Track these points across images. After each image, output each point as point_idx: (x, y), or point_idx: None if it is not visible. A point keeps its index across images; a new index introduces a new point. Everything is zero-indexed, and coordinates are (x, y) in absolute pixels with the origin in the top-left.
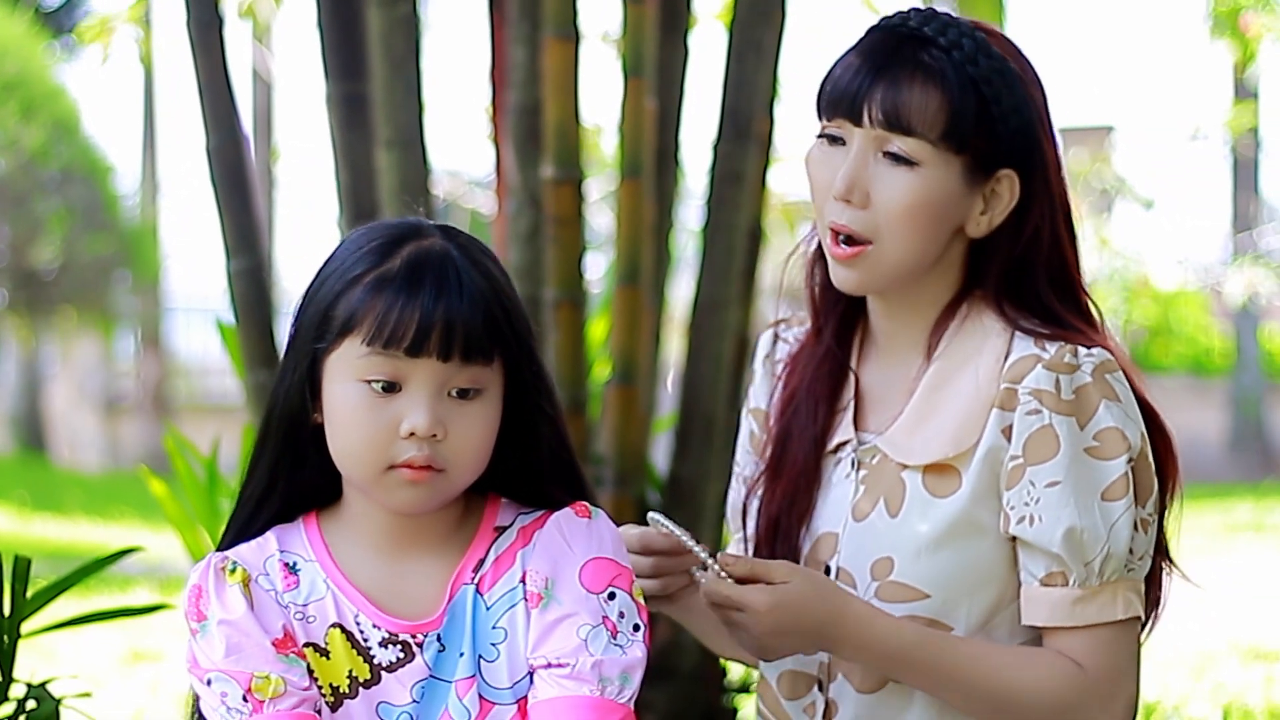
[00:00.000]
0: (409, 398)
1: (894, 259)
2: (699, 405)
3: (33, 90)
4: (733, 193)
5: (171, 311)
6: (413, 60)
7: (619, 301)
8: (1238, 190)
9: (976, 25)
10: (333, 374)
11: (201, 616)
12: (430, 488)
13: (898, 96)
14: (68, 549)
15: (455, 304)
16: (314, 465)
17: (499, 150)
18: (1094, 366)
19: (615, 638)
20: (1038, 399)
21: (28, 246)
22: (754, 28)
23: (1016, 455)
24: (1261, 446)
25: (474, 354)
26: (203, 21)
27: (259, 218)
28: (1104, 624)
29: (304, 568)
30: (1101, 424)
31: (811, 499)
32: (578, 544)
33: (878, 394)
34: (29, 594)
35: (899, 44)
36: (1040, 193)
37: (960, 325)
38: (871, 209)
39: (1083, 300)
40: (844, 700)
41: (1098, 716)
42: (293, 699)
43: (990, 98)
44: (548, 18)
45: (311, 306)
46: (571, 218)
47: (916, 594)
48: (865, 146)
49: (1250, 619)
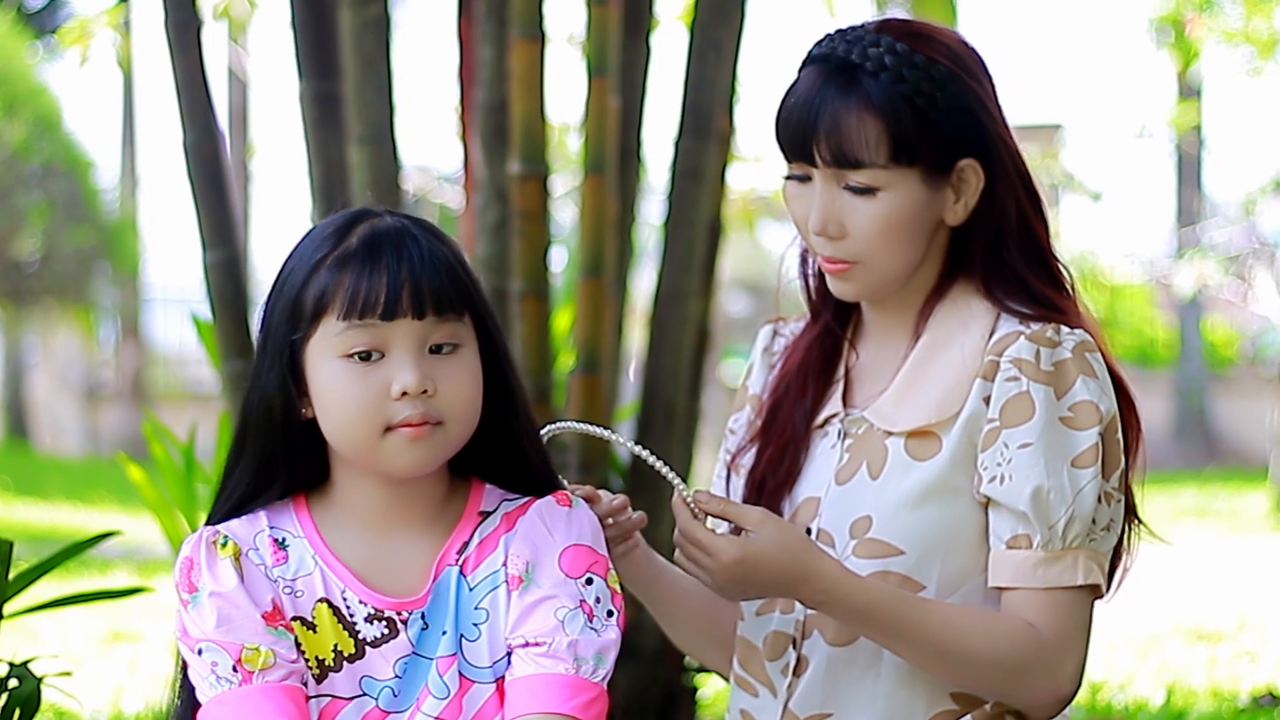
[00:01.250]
0: (393, 360)
1: (883, 272)
2: (660, 393)
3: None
4: (693, 188)
5: (150, 302)
6: (384, 59)
7: (583, 293)
8: (1182, 186)
9: (904, 32)
10: (315, 360)
11: (193, 588)
12: (431, 443)
13: (839, 135)
14: (49, 533)
15: (418, 265)
16: (306, 457)
17: (467, 146)
18: (1075, 344)
19: (591, 620)
20: (1017, 367)
21: (10, 239)
22: (714, 29)
23: (993, 419)
24: (1204, 434)
25: (446, 308)
26: (180, 22)
27: (235, 211)
28: (1063, 588)
29: (293, 544)
30: (1078, 397)
31: (796, 467)
32: (558, 531)
33: (867, 372)
34: (11, 576)
35: (828, 79)
36: (1001, 170)
37: (947, 305)
38: (849, 237)
39: (1053, 266)
40: (815, 655)
41: (1047, 678)
42: (281, 670)
43: (924, 106)
44: (514, 18)
45: (280, 302)
46: (537, 212)
47: (892, 550)
48: (826, 184)
49: (1194, 601)
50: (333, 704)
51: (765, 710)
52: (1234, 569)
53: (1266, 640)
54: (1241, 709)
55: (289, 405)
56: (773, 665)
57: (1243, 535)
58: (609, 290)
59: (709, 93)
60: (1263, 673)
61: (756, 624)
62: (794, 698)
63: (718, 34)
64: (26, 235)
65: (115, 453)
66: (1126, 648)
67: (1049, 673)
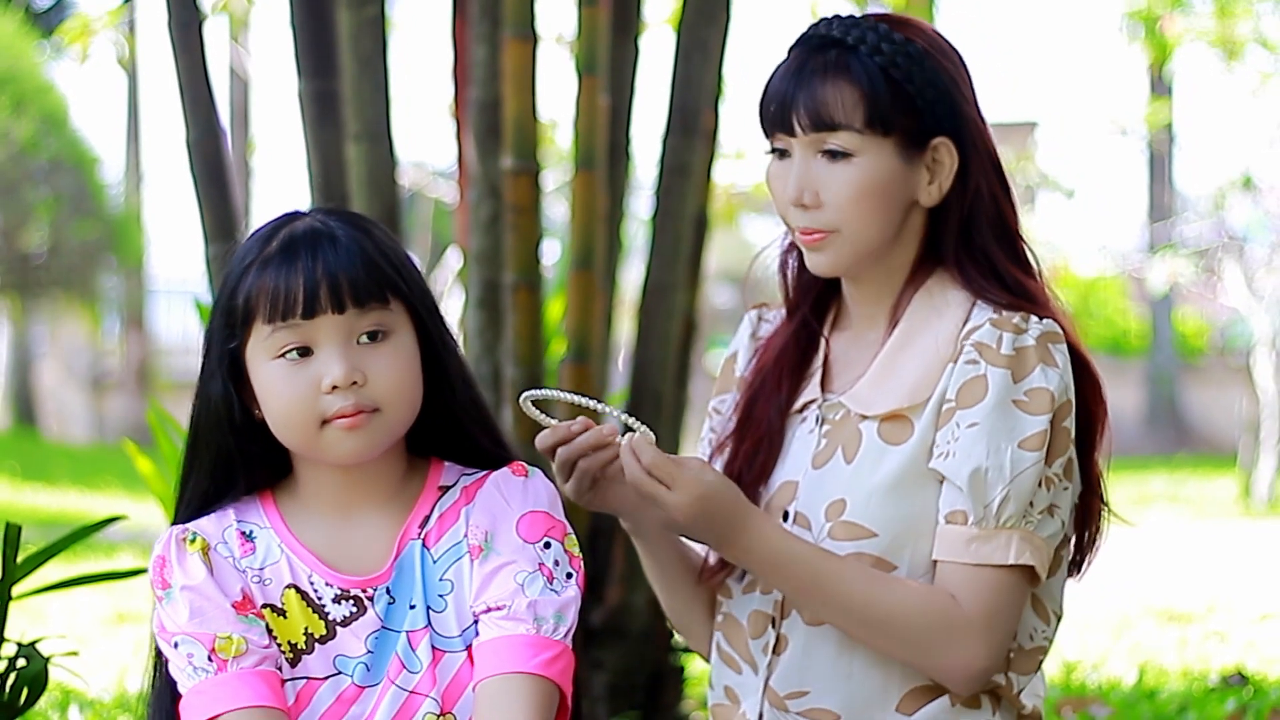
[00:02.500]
0: (321, 356)
1: (857, 242)
2: (648, 382)
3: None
4: (680, 184)
5: (154, 294)
6: (380, 59)
7: (573, 285)
8: (1154, 182)
9: (884, 18)
10: (253, 364)
11: (166, 584)
12: (368, 432)
13: (817, 100)
14: (56, 517)
15: (332, 260)
16: (261, 456)
17: (461, 143)
18: (1040, 333)
19: (551, 583)
20: (978, 350)
21: (18, 232)
22: (700, 30)
23: (950, 399)
24: (1175, 422)
25: (365, 298)
26: (183, 22)
27: (236, 206)
28: (992, 565)
29: (260, 535)
30: (1034, 383)
31: (773, 455)
32: (514, 499)
33: (845, 360)
34: (20, 559)
35: (809, 54)
36: (974, 153)
37: (923, 294)
38: (825, 206)
39: (1022, 250)
40: (793, 634)
41: (959, 650)
42: (254, 657)
43: (901, 78)
44: (507, 19)
45: (217, 308)
46: (529, 207)
47: (866, 533)
48: (805, 153)
49: (1165, 584)
50: (309, 685)
51: (747, 687)
52: (1204, 553)
53: (1235, 621)
54: (1211, 688)
55: (234, 409)
56: (755, 643)
57: (1212, 520)
58: (599, 282)
59: (695, 92)
60: (1232, 653)
61: (742, 601)
62: (774, 676)
63: (704, 35)
64: (34, 229)
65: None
66: (1100, 629)
67: (962, 645)
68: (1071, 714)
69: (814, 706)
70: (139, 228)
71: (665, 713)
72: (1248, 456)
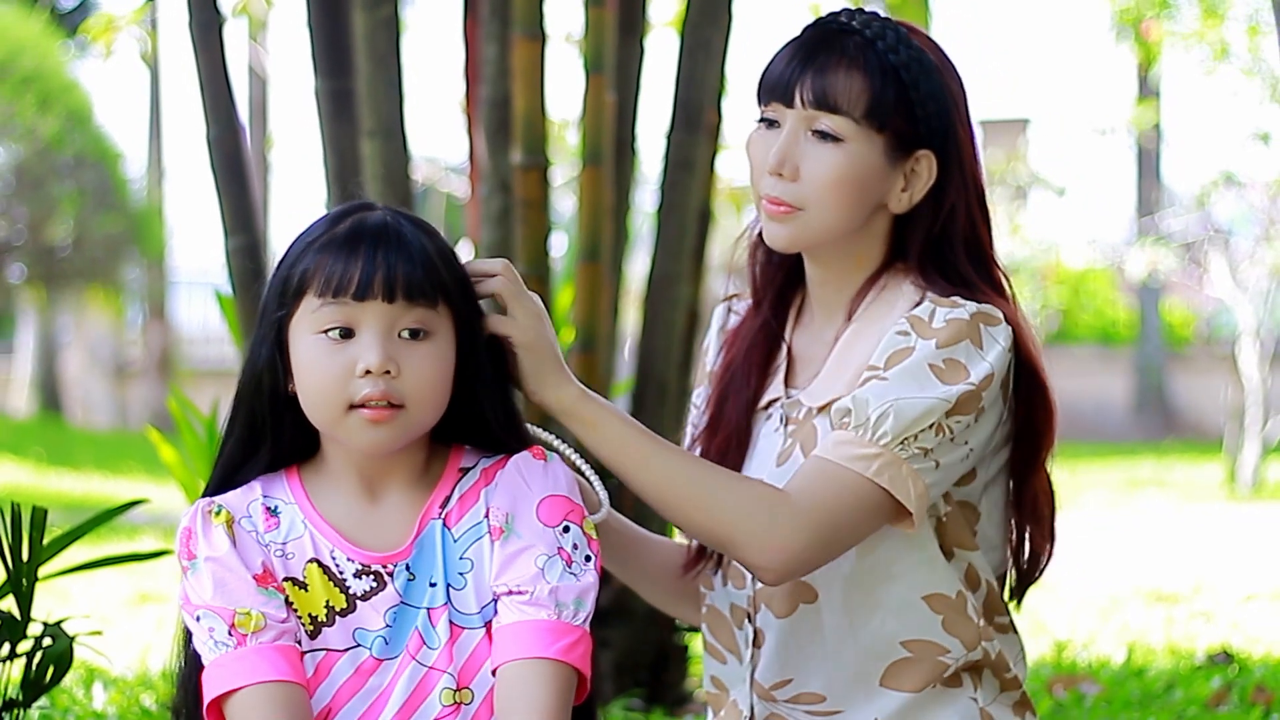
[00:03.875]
0: (362, 340)
1: (820, 224)
2: (653, 370)
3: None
4: (684, 179)
5: (175, 285)
6: (394, 58)
7: (581, 277)
8: (1141, 178)
9: (901, 23)
10: (296, 335)
11: (191, 555)
12: (391, 426)
13: (825, 79)
14: (81, 501)
15: (394, 254)
16: (290, 430)
17: (472, 139)
18: (973, 312)
19: (570, 566)
20: (910, 323)
21: (44, 226)
22: (703, 29)
23: (875, 366)
24: (1163, 409)
25: (416, 295)
26: (203, 23)
27: (255, 200)
28: (846, 467)
29: (284, 510)
30: (954, 355)
31: (741, 453)
32: (535, 483)
33: (806, 356)
34: (45, 541)
35: (828, 37)
36: (956, 174)
37: (879, 293)
38: (801, 181)
39: (994, 272)
40: (768, 629)
41: (770, 533)
42: (273, 632)
43: (909, 83)
44: (517, 19)
45: (274, 280)
46: (538, 200)
47: None
48: (796, 126)
49: (1153, 565)
50: (328, 657)
51: (733, 677)
52: (1190, 536)
53: (1221, 602)
54: (1197, 666)
55: (275, 378)
56: (739, 634)
57: (1198, 504)
58: (606, 274)
59: (699, 89)
60: (1217, 632)
61: (722, 595)
62: (758, 669)
63: (707, 34)
64: (59, 222)
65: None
66: (1089, 609)
67: (774, 527)
68: (1062, 691)
69: (800, 692)
70: (161, 221)
71: (669, 691)
72: (1233, 442)
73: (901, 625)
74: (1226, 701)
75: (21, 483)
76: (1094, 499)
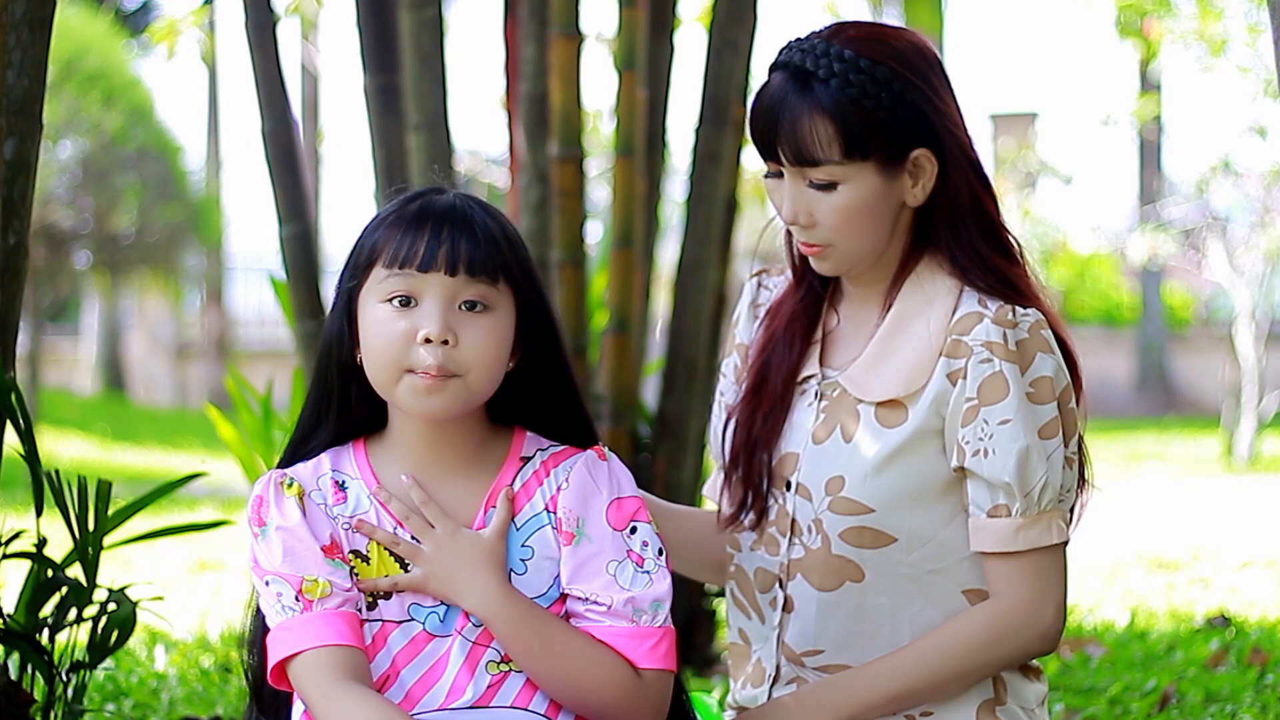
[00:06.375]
0: (423, 309)
1: (853, 252)
2: (683, 351)
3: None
4: (711, 170)
5: (232, 271)
6: (438, 56)
7: (614, 262)
8: (1143, 168)
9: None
10: (364, 304)
11: (262, 522)
12: (446, 393)
13: (796, 138)
14: (143, 474)
15: (459, 231)
16: (357, 401)
17: (512, 132)
18: (1030, 324)
19: (641, 567)
20: (989, 349)
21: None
22: (730, 28)
23: (971, 397)
24: (1164, 387)
25: (477, 270)
26: (259, 24)
27: (307, 190)
28: (1040, 548)
29: (351, 485)
30: (1037, 373)
31: (779, 423)
32: (602, 485)
33: (842, 335)
34: (110, 512)
35: (786, 85)
36: (951, 158)
37: (915, 280)
38: (819, 225)
39: (1004, 238)
40: (804, 599)
41: (1030, 629)
42: (338, 599)
43: (872, 106)
44: (554, 19)
45: (349, 255)
46: (574, 190)
47: (863, 508)
48: (794, 180)
49: (1154, 534)
50: (384, 628)
51: (757, 634)
52: (1189, 506)
53: (1218, 569)
54: (1197, 629)
55: (343, 347)
56: (762, 597)
57: (1197, 476)
58: (638, 260)
59: (726, 85)
60: (1215, 597)
61: (750, 557)
62: (786, 633)
63: (733, 33)
64: (123, 212)
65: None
66: (1094, 575)
67: (1030, 625)
68: (1069, 653)
69: (830, 663)
70: (218, 210)
71: (698, 653)
72: (1230, 418)
73: (939, 614)
74: (1224, 663)
75: (88, 457)
76: (1098, 472)
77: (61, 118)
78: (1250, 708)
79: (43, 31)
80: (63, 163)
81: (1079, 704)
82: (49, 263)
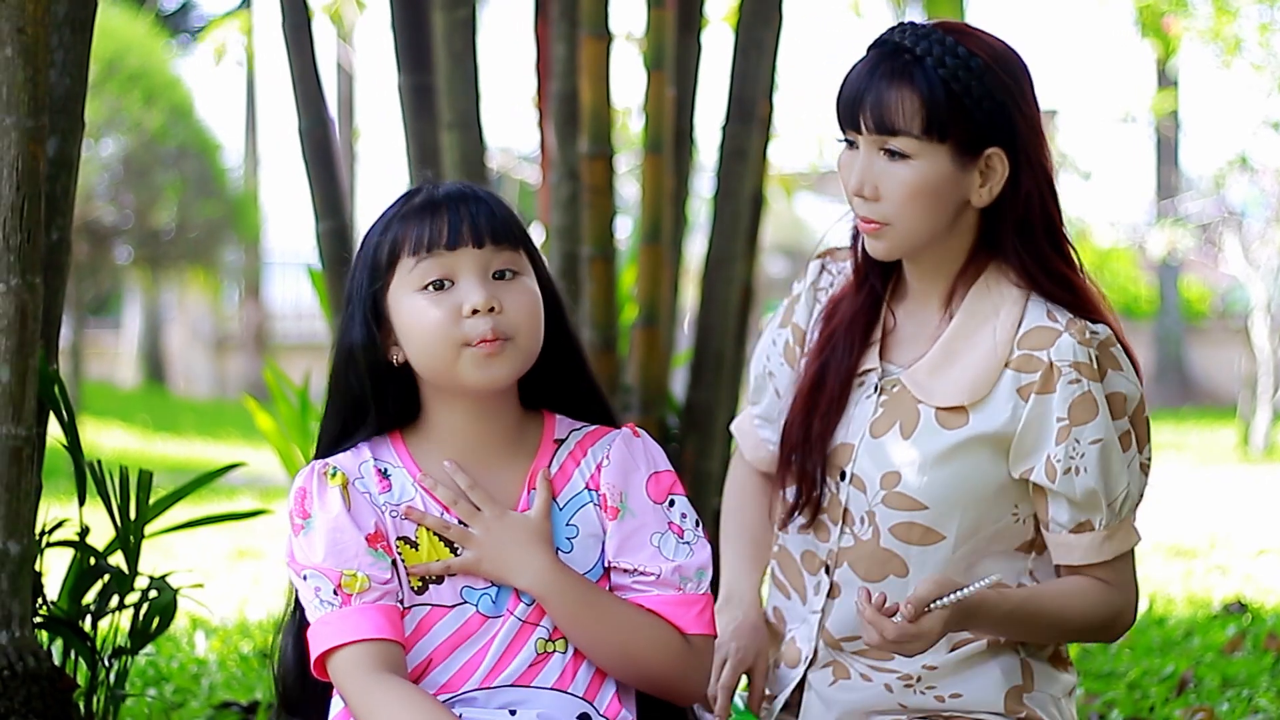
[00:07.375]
0: (462, 285)
1: (909, 234)
2: (710, 344)
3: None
4: (738, 166)
5: (269, 266)
6: (471, 55)
7: (643, 257)
8: (1161, 164)
9: (951, 30)
10: (397, 301)
11: (305, 514)
12: (503, 359)
13: (882, 104)
14: (183, 464)
15: (474, 205)
16: (393, 400)
17: (543, 130)
18: (1100, 341)
19: (682, 538)
20: (1076, 370)
21: (149, 212)
22: (756, 28)
23: (1062, 418)
24: (1181, 378)
25: (502, 238)
26: (295, 24)
27: (343, 187)
28: (1124, 553)
29: (394, 473)
30: (1111, 388)
31: (836, 417)
32: (640, 461)
33: (904, 333)
34: (151, 501)
35: (881, 60)
36: (1025, 162)
37: (981, 286)
38: (882, 200)
39: (1066, 249)
40: (849, 585)
41: (1125, 622)
42: (376, 592)
43: (960, 90)
44: (584, 19)
45: (359, 262)
46: (604, 187)
47: (916, 504)
48: (869, 149)
49: (1172, 522)
50: (434, 612)
51: (795, 615)
52: (1206, 495)
53: (1235, 556)
54: (1214, 615)
55: (374, 353)
56: (809, 579)
57: (1214, 466)
58: (666, 255)
59: (752, 84)
60: (1232, 584)
61: (796, 539)
62: (829, 618)
63: (759, 33)
64: (163, 208)
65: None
66: None
67: (1125, 618)
68: None
69: (868, 649)
70: (256, 207)
71: None
72: (1246, 409)
73: None
74: (1241, 648)
75: (129, 448)
76: None
77: (103, 116)
78: (1266, 692)
79: (84, 32)
80: (104, 160)
81: (1098, 689)
82: (91, 258)
